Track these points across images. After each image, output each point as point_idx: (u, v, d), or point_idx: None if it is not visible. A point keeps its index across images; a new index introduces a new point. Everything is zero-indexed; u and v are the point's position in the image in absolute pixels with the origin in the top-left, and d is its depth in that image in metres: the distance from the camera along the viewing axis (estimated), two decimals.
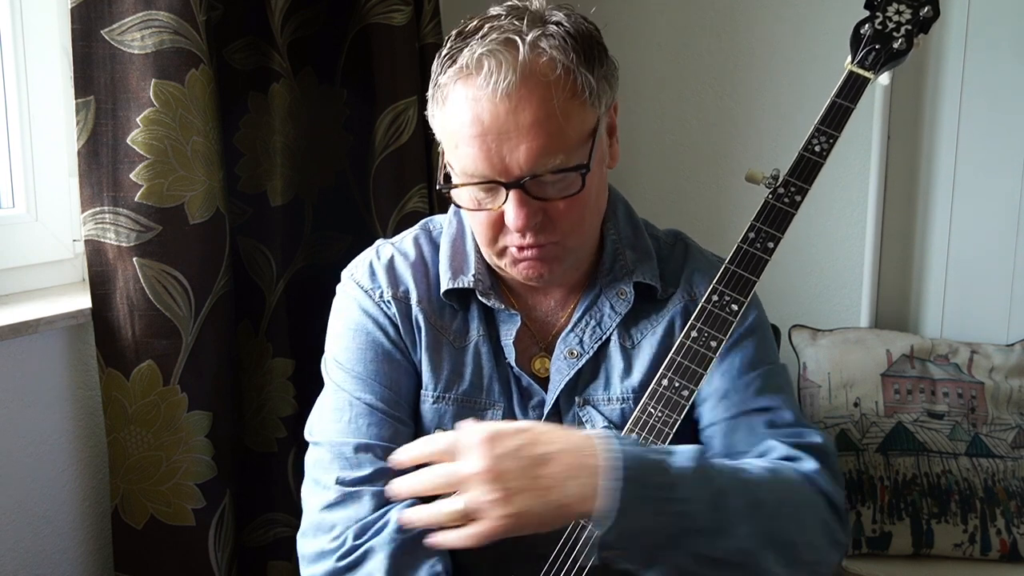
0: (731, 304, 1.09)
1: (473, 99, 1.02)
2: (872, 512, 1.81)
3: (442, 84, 1.05)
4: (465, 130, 1.03)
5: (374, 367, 1.17)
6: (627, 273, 1.19)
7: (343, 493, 1.10)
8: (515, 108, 1.00)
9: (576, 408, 1.16)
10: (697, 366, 1.07)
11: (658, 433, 1.06)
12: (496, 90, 1.00)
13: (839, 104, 1.14)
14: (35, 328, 1.45)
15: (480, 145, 1.02)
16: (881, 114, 2.03)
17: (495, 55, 1.01)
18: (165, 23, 1.46)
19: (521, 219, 1.04)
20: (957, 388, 1.89)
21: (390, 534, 1.07)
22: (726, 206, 2.21)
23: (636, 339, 1.18)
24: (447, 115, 1.06)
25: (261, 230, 1.73)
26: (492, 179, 1.04)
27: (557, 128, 1.02)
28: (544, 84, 1.01)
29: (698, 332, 1.09)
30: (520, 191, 1.04)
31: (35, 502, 1.52)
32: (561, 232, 1.08)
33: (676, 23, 2.19)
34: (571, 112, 1.03)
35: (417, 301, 1.19)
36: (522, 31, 1.02)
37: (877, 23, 1.16)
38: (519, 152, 1.02)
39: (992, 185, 2.02)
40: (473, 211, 1.09)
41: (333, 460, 1.13)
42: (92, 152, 1.48)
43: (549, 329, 1.20)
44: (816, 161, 1.12)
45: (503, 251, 1.11)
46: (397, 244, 1.24)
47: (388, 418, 1.15)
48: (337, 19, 1.81)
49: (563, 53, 1.03)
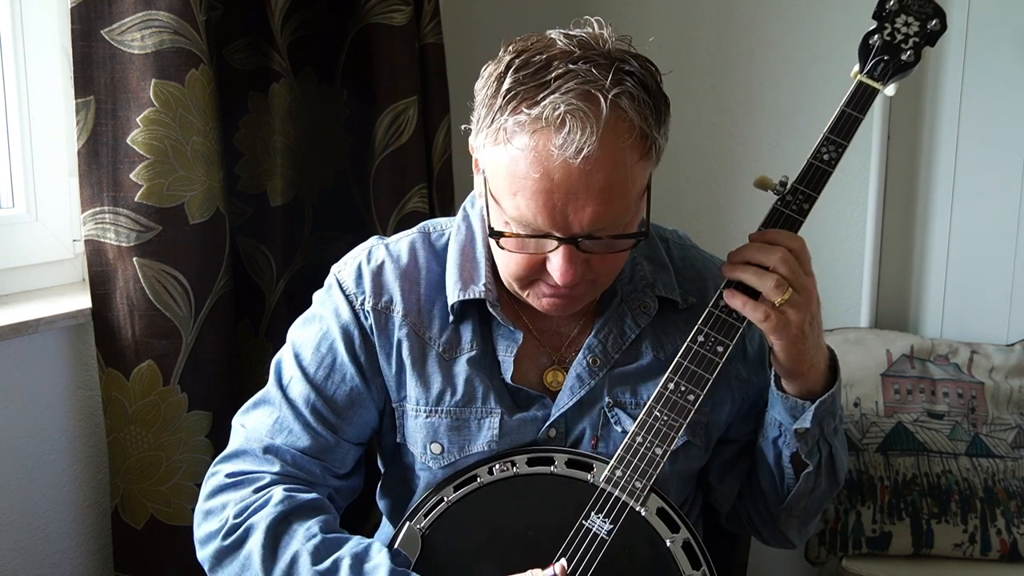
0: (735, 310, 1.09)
1: (546, 154, 0.96)
2: (872, 512, 1.81)
3: (508, 124, 0.98)
4: (531, 183, 0.98)
5: (323, 374, 1.16)
6: (647, 286, 1.18)
7: (232, 480, 1.13)
8: (590, 171, 0.96)
9: (605, 409, 1.15)
10: (704, 371, 1.08)
11: (663, 437, 1.07)
12: (577, 152, 0.95)
13: (848, 114, 1.15)
14: (35, 328, 1.45)
15: (545, 201, 0.98)
16: (881, 114, 2.03)
17: (578, 115, 0.95)
18: (165, 23, 1.46)
19: (569, 275, 1.02)
20: (957, 388, 1.89)
21: (269, 509, 1.08)
22: (726, 206, 2.21)
23: (669, 349, 1.18)
24: (509, 157, 0.99)
25: (261, 230, 1.73)
26: (547, 233, 1.01)
27: (625, 192, 1.00)
28: (620, 149, 0.98)
29: (704, 337, 1.09)
30: (572, 247, 1.01)
31: (35, 502, 1.52)
32: (595, 274, 1.07)
33: (676, 23, 2.19)
34: (637, 173, 1.01)
35: (403, 313, 1.16)
36: (604, 86, 0.97)
37: (886, 34, 1.17)
38: (584, 213, 0.98)
39: (992, 185, 2.02)
40: (512, 252, 1.06)
41: (239, 453, 1.16)
42: (92, 152, 1.48)
43: (561, 340, 1.19)
44: (825, 169, 1.14)
45: (532, 283, 1.09)
46: (391, 247, 1.21)
47: (313, 430, 1.15)
48: (337, 19, 1.81)
49: (640, 116, 0.99)
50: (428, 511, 1.10)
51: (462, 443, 1.14)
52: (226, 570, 1.09)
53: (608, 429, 1.15)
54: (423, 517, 1.10)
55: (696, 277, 1.23)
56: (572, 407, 1.14)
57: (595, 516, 1.06)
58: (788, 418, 1.13)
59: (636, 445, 1.07)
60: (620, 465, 1.07)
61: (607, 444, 1.15)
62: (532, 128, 0.97)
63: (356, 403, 1.17)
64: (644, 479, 1.06)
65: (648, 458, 1.06)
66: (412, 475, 1.19)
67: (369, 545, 1.07)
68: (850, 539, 1.80)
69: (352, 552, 1.05)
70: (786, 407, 1.12)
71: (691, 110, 2.20)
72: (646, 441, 1.07)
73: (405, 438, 1.17)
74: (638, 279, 1.18)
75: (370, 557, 1.05)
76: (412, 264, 1.19)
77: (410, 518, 1.11)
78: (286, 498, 1.09)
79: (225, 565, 1.09)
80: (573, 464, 1.10)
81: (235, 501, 1.11)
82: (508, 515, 1.09)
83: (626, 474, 1.07)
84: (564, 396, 1.15)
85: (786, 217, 1.12)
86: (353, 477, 1.21)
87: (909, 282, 2.11)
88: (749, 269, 1.06)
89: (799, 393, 1.12)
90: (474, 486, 1.11)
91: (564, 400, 1.14)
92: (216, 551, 1.10)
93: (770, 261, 1.05)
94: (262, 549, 1.06)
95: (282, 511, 1.08)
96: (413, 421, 1.16)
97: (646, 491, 1.06)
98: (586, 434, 1.15)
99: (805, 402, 1.11)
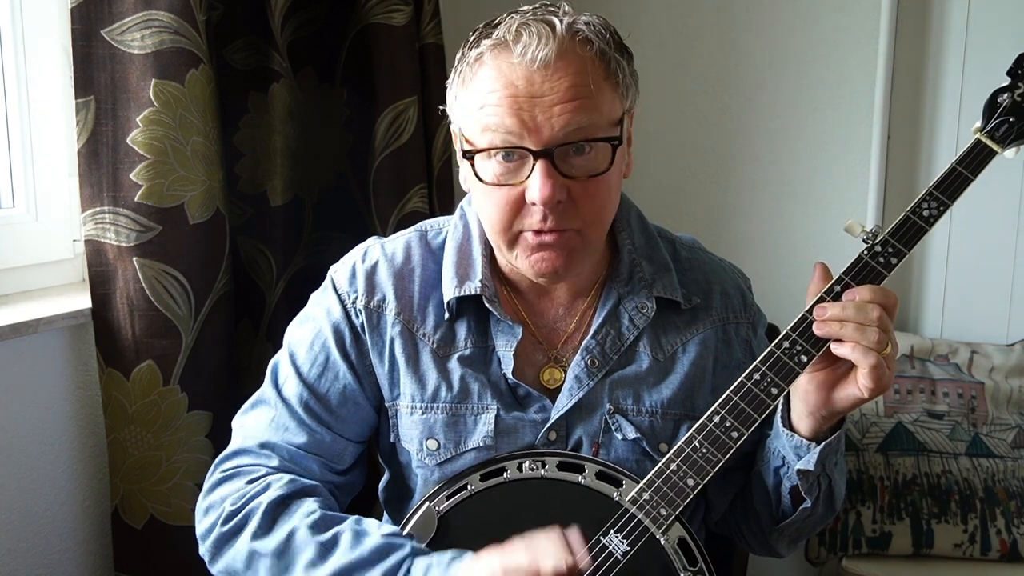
0: (801, 355, 1.04)
1: (507, 67, 1.01)
2: (872, 512, 1.81)
3: (471, 59, 1.04)
4: (496, 96, 1.01)
5: (316, 372, 1.17)
6: (646, 286, 1.17)
7: (229, 474, 1.15)
8: (551, 76, 1.00)
9: (606, 416, 1.15)
10: (753, 410, 1.04)
11: (699, 469, 1.04)
12: (534, 59, 1.00)
13: (959, 172, 1.07)
14: (35, 328, 1.45)
15: (511, 105, 1.01)
16: (881, 114, 2.03)
17: (533, 28, 1.01)
18: (165, 23, 1.46)
19: (547, 190, 1.01)
20: (957, 388, 1.89)
21: (269, 493, 1.09)
22: (726, 206, 2.21)
23: (667, 350, 1.17)
24: (474, 88, 1.03)
25: (261, 230, 1.73)
26: (520, 145, 1.02)
27: (592, 100, 1.02)
28: (580, 59, 1.02)
29: (761, 376, 1.05)
30: (548, 162, 1.02)
31: (35, 502, 1.52)
32: (582, 219, 1.06)
33: (676, 23, 2.19)
34: (604, 91, 1.03)
35: (396, 311, 1.17)
36: (558, 15, 1.04)
37: (1017, 94, 1.11)
38: (553, 113, 1.00)
39: (992, 185, 2.01)
40: (492, 187, 1.06)
41: (237, 452, 1.17)
42: (92, 152, 1.48)
43: (556, 338, 1.19)
44: (921, 226, 1.07)
45: (517, 238, 1.08)
46: (386, 246, 1.22)
47: (309, 427, 1.16)
48: (337, 19, 1.81)
49: (599, 37, 1.04)
50: (450, 495, 1.10)
51: (457, 439, 1.14)
52: (225, 557, 1.10)
53: (609, 436, 1.14)
54: (444, 500, 1.10)
55: (703, 280, 1.22)
56: (571, 409, 1.14)
57: (614, 534, 1.04)
58: (792, 456, 1.11)
59: (669, 472, 1.04)
60: (649, 489, 1.05)
61: (608, 451, 1.14)
62: (491, 51, 1.02)
63: (350, 400, 1.17)
64: (670, 507, 1.04)
65: (678, 488, 1.04)
66: (409, 473, 1.19)
67: (368, 522, 1.09)
68: (850, 539, 1.80)
69: (352, 527, 1.07)
70: (791, 445, 1.10)
71: (691, 110, 2.20)
72: (680, 470, 1.04)
73: (399, 437, 1.18)
74: (636, 280, 1.18)
75: (368, 531, 1.07)
76: (407, 263, 1.20)
77: (430, 499, 1.11)
78: (286, 483, 1.11)
79: (225, 552, 1.10)
80: (602, 477, 1.08)
81: (233, 491, 1.12)
82: (527, 514, 1.07)
83: (653, 499, 1.04)
84: (563, 398, 1.14)
85: (871, 269, 1.07)
86: (352, 473, 1.22)
87: (909, 282, 2.11)
88: (850, 324, 1.02)
89: (808, 432, 1.09)
90: (500, 479, 1.10)
91: (563, 403, 1.14)
92: (216, 539, 1.10)
93: (870, 318, 1.02)
94: (258, 529, 1.07)
95: (281, 495, 1.09)
96: (408, 418, 1.16)
97: (670, 520, 1.04)
98: (585, 439, 1.14)
99: (811, 443, 1.08)
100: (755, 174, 2.18)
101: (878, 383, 1.01)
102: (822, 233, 2.13)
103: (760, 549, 1.28)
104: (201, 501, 1.15)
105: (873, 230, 1.07)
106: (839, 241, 2.15)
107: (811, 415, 1.07)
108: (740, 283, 1.26)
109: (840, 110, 2.08)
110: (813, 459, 1.07)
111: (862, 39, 2.03)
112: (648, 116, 2.20)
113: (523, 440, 1.14)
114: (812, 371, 1.05)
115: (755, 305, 1.26)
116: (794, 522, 1.16)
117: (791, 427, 1.10)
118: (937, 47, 2.03)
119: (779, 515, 1.18)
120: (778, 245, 2.17)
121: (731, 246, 2.15)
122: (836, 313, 1.02)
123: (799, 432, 1.09)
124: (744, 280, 1.28)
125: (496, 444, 1.13)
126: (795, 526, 1.17)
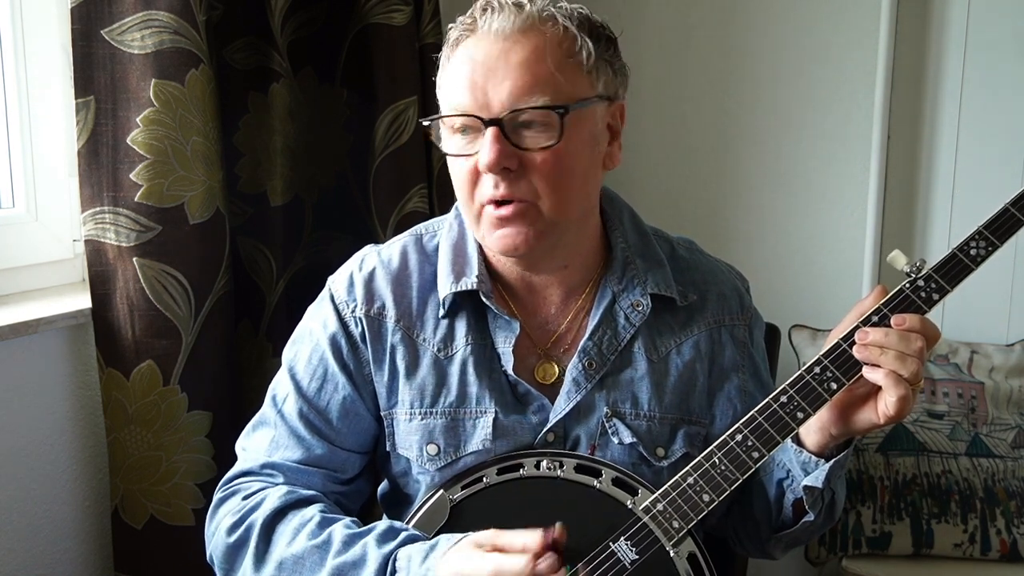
0: (831, 382, 1.04)
1: (472, 44, 1.07)
2: (872, 512, 1.81)
3: (450, 43, 1.10)
4: (456, 66, 1.08)
5: (316, 385, 1.18)
6: (640, 283, 1.17)
7: (230, 493, 1.17)
8: (508, 49, 1.05)
9: (603, 419, 1.15)
10: (776, 432, 1.04)
11: (716, 486, 1.03)
12: (492, 31, 1.05)
13: (1011, 215, 1.05)
14: (35, 328, 1.45)
15: (467, 75, 1.06)
16: (881, 114, 2.03)
17: (505, 5, 1.06)
18: (165, 23, 1.46)
19: (493, 153, 1.04)
20: (957, 388, 1.89)
21: (269, 502, 1.11)
22: (726, 206, 2.21)
23: (662, 351, 1.17)
24: (447, 70, 1.10)
25: (261, 230, 1.73)
26: (472, 113, 1.06)
27: (546, 73, 1.05)
28: (540, 35, 1.06)
29: (788, 399, 1.04)
30: (497, 129, 1.05)
31: (35, 502, 1.52)
32: (535, 191, 1.07)
33: (676, 23, 2.19)
34: (564, 68, 1.06)
35: (395, 318, 1.17)
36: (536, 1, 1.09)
37: None
38: (502, 88, 1.04)
39: (992, 184, 2.02)
40: (454, 157, 1.10)
41: (241, 474, 1.18)
42: (92, 152, 1.48)
43: (548, 335, 1.19)
44: (968, 265, 1.05)
45: (481, 213, 1.10)
46: (382, 253, 1.22)
47: (310, 442, 1.16)
48: (337, 19, 1.81)
49: (567, 18, 1.08)
50: (465, 485, 1.10)
51: (457, 443, 1.14)
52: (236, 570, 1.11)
53: (606, 439, 1.14)
54: (459, 489, 1.10)
55: (700, 279, 1.22)
56: (569, 412, 1.14)
57: (624, 541, 1.03)
58: (799, 471, 1.11)
59: (685, 486, 1.04)
60: (664, 500, 1.04)
61: (604, 454, 1.14)
62: (463, 32, 1.09)
63: (351, 412, 1.18)
64: (684, 521, 1.03)
65: (693, 502, 1.03)
66: (408, 480, 1.18)
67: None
68: (850, 539, 1.80)
69: (346, 523, 1.09)
70: (799, 460, 1.10)
71: (691, 110, 2.20)
72: (697, 484, 1.04)
73: (395, 445, 1.17)
74: (629, 277, 1.18)
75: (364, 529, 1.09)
76: (403, 268, 1.20)
77: (445, 487, 1.11)
78: (284, 494, 1.11)
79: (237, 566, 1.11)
80: (619, 484, 1.08)
81: (234, 506, 1.13)
82: (539, 513, 1.06)
83: (667, 510, 1.04)
84: (561, 401, 1.14)
85: (912, 302, 1.05)
86: (359, 481, 1.22)
87: None
88: (891, 352, 1.01)
89: (813, 447, 1.09)
90: (516, 475, 1.10)
91: (561, 405, 1.14)
92: (224, 551, 1.11)
93: (912, 348, 1.01)
94: (261, 533, 1.09)
95: (278, 506, 1.10)
96: (407, 425, 1.16)
97: (681, 534, 1.04)
98: (582, 441, 1.14)
99: (819, 460, 1.08)
100: (755, 174, 2.18)
101: (900, 413, 1.01)
102: (822, 233, 2.13)
103: (755, 553, 1.28)
104: (207, 525, 1.17)
105: (918, 264, 1.06)
106: (839, 241, 2.16)
107: (821, 431, 1.07)
108: (738, 284, 1.25)
109: (840, 110, 2.08)
110: (822, 476, 1.07)
111: (862, 39, 2.03)
112: (648, 116, 2.20)
113: (522, 440, 1.14)
114: None
115: (752, 307, 1.26)
116: (794, 531, 1.16)
117: (798, 440, 1.10)
118: (937, 47, 2.03)
119: (779, 524, 1.18)
120: (777, 245, 2.17)
121: (731, 246, 2.15)
122: (878, 339, 1.02)
123: (804, 445, 1.09)
124: (742, 281, 1.27)
125: (495, 447, 1.13)
126: (794, 535, 1.17)
